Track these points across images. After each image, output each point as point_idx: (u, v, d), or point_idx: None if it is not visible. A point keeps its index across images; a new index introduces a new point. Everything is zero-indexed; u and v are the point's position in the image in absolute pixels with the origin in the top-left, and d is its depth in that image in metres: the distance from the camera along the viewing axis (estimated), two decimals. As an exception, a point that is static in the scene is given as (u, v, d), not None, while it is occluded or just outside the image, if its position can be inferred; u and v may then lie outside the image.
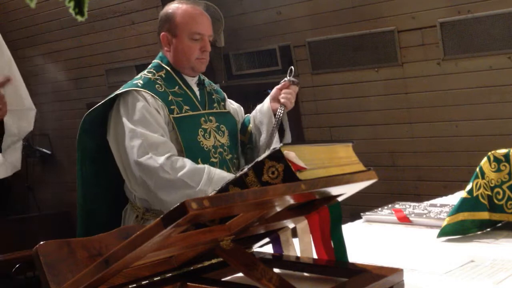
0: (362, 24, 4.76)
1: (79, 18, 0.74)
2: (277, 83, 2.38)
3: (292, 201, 0.93)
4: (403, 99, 4.77)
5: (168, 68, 2.28)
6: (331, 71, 5.07)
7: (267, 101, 2.37)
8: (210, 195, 0.85)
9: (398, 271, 0.99)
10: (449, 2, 4.31)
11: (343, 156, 1.06)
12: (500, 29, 4.15)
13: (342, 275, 1.01)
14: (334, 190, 1.01)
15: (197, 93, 2.31)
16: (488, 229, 1.60)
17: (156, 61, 2.32)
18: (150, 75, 2.26)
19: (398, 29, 4.60)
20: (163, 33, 2.28)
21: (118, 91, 2.21)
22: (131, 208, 2.26)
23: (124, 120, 2.15)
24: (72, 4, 0.73)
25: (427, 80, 4.59)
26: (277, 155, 0.91)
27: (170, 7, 2.28)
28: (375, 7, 4.64)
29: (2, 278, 5.86)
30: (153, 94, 2.18)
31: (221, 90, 2.51)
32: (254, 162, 0.95)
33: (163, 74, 2.26)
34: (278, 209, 0.91)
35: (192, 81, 2.32)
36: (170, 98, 2.20)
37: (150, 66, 2.32)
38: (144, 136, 2.10)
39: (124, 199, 2.29)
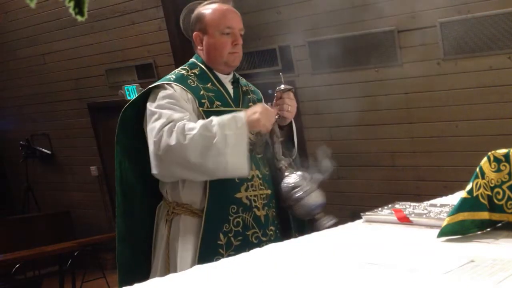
0: (362, 24, 4.76)
1: (79, 18, 0.74)
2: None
3: None
4: (403, 99, 4.77)
5: (202, 66, 2.34)
6: (331, 71, 5.07)
7: None
8: None
9: None
10: (449, 2, 4.31)
11: None
12: (500, 29, 4.15)
13: None
14: None
15: (231, 91, 2.35)
16: (488, 229, 1.60)
17: (192, 60, 2.39)
18: (183, 72, 2.33)
19: (398, 29, 4.60)
20: (195, 32, 2.35)
21: (151, 86, 2.28)
22: (164, 204, 2.30)
23: (149, 105, 2.20)
24: (72, 4, 0.73)
25: (427, 80, 4.59)
26: None
27: (200, 9, 2.37)
28: (375, 7, 4.63)
29: (2, 278, 5.86)
30: (183, 87, 2.24)
31: (259, 91, 2.52)
32: None
33: (196, 71, 2.33)
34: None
35: (226, 79, 2.37)
36: (201, 93, 2.25)
37: (185, 64, 2.39)
38: (166, 116, 2.12)
39: (159, 195, 2.34)
